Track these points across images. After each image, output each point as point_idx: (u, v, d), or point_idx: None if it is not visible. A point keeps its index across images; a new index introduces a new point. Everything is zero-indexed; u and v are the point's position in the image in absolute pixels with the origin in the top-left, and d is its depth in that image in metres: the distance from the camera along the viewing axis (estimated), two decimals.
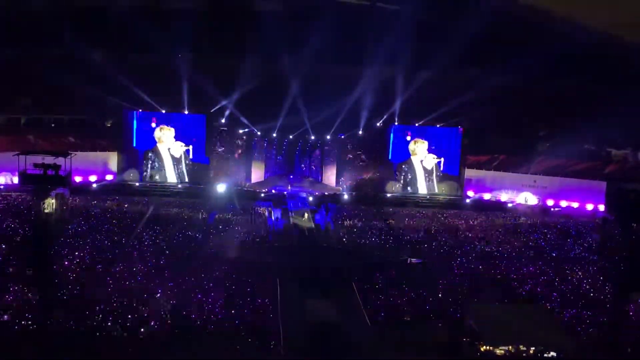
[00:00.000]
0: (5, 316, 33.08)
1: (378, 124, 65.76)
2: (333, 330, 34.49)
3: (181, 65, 61.89)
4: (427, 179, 65.51)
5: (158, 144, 63.59)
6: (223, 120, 64.70)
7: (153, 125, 63.50)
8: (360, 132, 65.92)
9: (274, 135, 67.28)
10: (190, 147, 63.89)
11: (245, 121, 64.74)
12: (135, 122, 63.62)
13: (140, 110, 63.17)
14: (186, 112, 63.82)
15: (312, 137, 67.46)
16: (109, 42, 61.06)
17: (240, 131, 65.83)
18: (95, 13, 59.53)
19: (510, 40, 61.88)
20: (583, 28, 63.80)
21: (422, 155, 65.45)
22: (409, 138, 65.52)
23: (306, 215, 56.04)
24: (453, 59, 59.55)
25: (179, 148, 63.78)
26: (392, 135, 65.62)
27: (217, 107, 63.75)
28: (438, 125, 65.01)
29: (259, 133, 66.57)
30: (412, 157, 65.57)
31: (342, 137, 66.84)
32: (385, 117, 65.31)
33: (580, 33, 63.22)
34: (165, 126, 63.69)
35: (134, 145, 63.57)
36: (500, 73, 60.18)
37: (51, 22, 59.30)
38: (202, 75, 60.84)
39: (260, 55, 61.97)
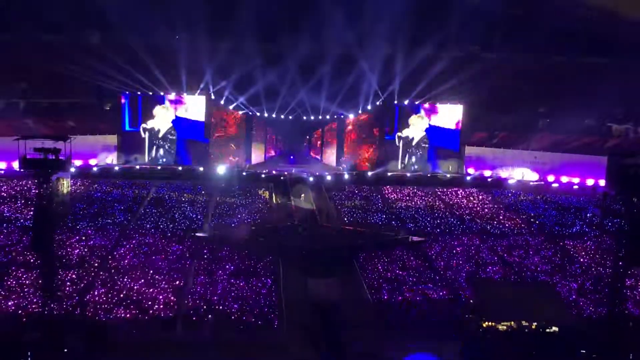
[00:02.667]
0: (10, 302, 33.28)
1: (378, 103, 65.48)
2: (335, 309, 34.69)
3: (179, 47, 61.55)
4: (414, 154, 65.69)
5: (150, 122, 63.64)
6: (222, 102, 64.41)
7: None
8: (360, 112, 65.72)
9: (274, 115, 67.02)
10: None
11: (245, 102, 64.51)
12: (126, 105, 63.44)
13: (128, 93, 62.81)
14: (185, 94, 63.50)
15: (312, 117, 67.24)
16: (105, 25, 60.52)
17: (240, 112, 65.63)
18: None
19: (510, 16, 61.60)
20: (580, 2, 63.50)
21: (417, 130, 65.39)
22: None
23: (307, 195, 56.04)
24: (453, 36, 59.29)
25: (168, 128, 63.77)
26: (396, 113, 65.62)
27: (216, 89, 63.46)
28: (437, 104, 64.79)
29: (258, 114, 66.35)
30: (405, 130, 65.71)
31: (342, 116, 66.65)
32: (384, 95, 65.01)
33: (578, 7, 62.92)
34: (166, 105, 63.54)
35: (124, 128, 63.44)
36: (500, 50, 60.01)
37: (45, 6, 59.08)
38: (201, 57, 60.57)
39: (258, 35, 61.50)
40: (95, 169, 59.34)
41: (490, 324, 31.73)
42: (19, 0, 61.84)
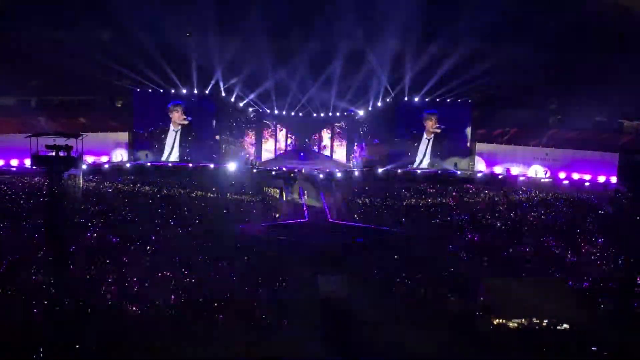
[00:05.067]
0: (22, 297, 33.46)
1: (388, 99, 65.37)
2: (345, 305, 34.63)
3: (189, 45, 61.81)
4: (433, 154, 65.22)
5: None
6: (232, 100, 64.55)
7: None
8: (370, 108, 65.61)
9: (284, 112, 67.11)
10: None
11: (255, 99, 64.66)
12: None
13: (139, 89, 62.93)
14: (195, 92, 63.65)
15: (322, 114, 67.25)
16: (116, 22, 60.72)
17: (250, 109, 65.77)
18: None
19: (520, 11, 61.36)
20: None
21: (431, 129, 65.17)
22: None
23: (318, 192, 56.09)
24: (462, 32, 59.16)
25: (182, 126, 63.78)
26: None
27: (226, 86, 63.61)
28: (448, 100, 64.58)
29: (268, 111, 66.47)
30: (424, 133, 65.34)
31: (352, 112, 66.60)
32: (394, 92, 64.89)
33: (589, 2, 62.68)
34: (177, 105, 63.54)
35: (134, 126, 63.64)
36: (511, 45, 59.84)
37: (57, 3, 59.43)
38: (212, 54, 60.76)
39: (268, 31, 61.53)
40: (106, 165, 59.65)
41: (500, 321, 31.70)
42: None
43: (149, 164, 61.98)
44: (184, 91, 63.35)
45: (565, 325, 31.05)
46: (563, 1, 64.11)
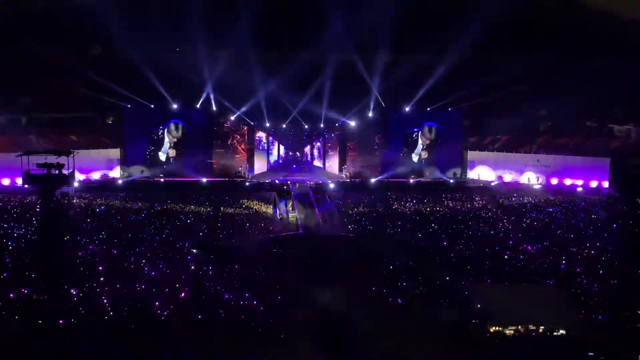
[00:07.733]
0: (16, 316, 33.26)
1: (379, 109, 65.50)
2: (343, 317, 34.56)
3: (179, 59, 61.84)
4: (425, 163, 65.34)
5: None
6: (223, 113, 64.54)
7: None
8: (361, 119, 65.68)
9: (275, 124, 67.14)
10: None
11: (246, 112, 64.67)
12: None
13: (130, 105, 62.86)
14: (186, 106, 63.68)
15: (314, 125, 67.31)
16: (106, 37, 60.79)
17: (241, 122, 65.75)
18: (89, 8, 59.23)
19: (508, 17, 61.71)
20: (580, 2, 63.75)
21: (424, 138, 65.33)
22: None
23: (311, 204, 56.05)
24: (451, 40, 59.47)
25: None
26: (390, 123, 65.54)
27: (216, 100, 63.62)
28: (438, 109, 64.74)
29: (259, 123, 66.49)
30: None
31: (344, 123, 66.67)
32: (385, 102, 65.04)
33: (577, 7, 63.17)
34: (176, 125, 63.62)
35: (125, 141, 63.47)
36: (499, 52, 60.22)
37: (47, 19, 59.45)
38: (202, 68, 60.85)
39: (257, 44, 61.67)
40: (99, 181, 59.56)
41: (497, 328, 31.68)
42: (19, 13, 62.15)
43: (142, 179, 61.84)
44: (175, 106, 63.31)
45: (562, 331, 31.06)
46: (551, 6, 64.54)
